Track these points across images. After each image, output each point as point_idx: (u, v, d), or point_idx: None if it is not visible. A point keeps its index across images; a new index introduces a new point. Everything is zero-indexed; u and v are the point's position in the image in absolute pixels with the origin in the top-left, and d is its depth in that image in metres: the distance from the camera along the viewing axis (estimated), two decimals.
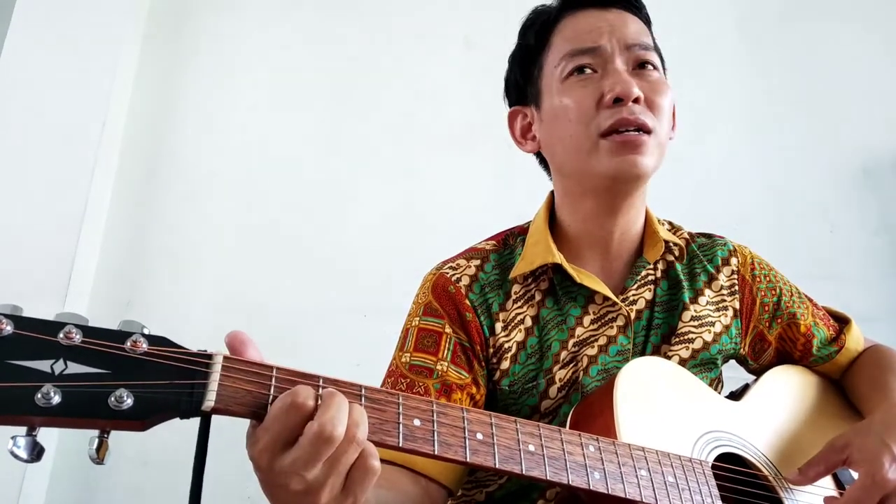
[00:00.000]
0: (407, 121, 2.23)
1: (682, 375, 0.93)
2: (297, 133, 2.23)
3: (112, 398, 0.51)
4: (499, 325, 0.97)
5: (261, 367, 0.58)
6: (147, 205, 2.15)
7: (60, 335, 0.51)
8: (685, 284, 1.02)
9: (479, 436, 0.66)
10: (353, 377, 0.62)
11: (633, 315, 0.98)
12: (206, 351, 0.57)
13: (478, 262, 1.01)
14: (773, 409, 0.98)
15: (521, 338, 0.97)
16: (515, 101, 1.09)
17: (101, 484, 1.84)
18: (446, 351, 0.94)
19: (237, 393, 0.56)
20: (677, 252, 1.04)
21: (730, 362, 1.07)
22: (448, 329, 0.95)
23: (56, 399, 0.49)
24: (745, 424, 0.93)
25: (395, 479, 0.83)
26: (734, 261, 1.06)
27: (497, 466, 0.65)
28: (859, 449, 0.86)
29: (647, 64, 0.96)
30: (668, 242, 1.03)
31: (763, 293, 1.06)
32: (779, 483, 0.88)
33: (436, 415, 0.64)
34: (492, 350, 0.96)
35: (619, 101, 0.91)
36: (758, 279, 1.07)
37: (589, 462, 0.71)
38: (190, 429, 0.55)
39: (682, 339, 0.99)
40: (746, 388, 1.03)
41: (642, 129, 0.91)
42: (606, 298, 0.98)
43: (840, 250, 2.07)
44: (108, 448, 0.53)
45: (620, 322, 0.98)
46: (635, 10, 1.00)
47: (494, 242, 1.06)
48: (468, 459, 0.64)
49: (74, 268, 1.92)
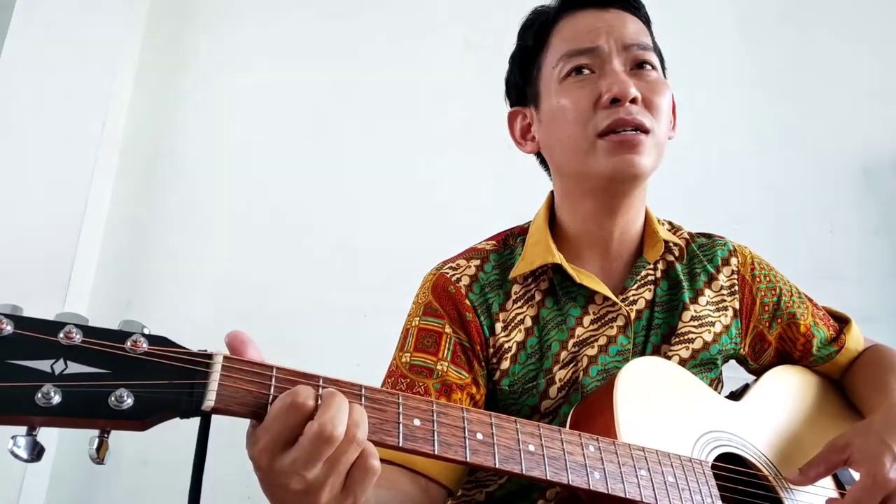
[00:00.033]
0: (407, 121, 2.23)
1: (682, 375, 0.93)
2: (296, 133, 2.23)
3: (112, 398, 0.51)
4: (499, 326, 0.97)
5: (261, 366, 0.58)
6: (147, 205, 2.15)
7: (60, 335, 0.51)
8: (685, 284, 1.02)
9: (479, 436, 0.66)
10: (353, 377, 0.62)
11: (632, 315, 0.98)
12: (206, 351, 0.57)
13: (478, 263, 1.01)
14: (773, 409, 0.98)
15: (521, 338, 0.97)
16: (515, 101, 1.09)
17: (101, 484, 1.85)
18: (446, 351, 0.94)
19: (237, 393, 0.56)
20: (677, 252, 1.04)
21: (730, 362, 1.07)
22: (448, 329, 0.95)
23: (56, 399, 0.49)
24: (745, 424, 0.92)
25: (395, 479, 0.83)
26: (734, 261, 1.06)
27: (497, 466, 0.65)
28: (860, 449, 0.85)
29: (646, 64, 0.96)
30: (667, 242, 1.03)
31: (763, 293, 1.06)
32: (779, 483, 0.88)
33: (436, 415, 0.64)
34: (492, 350, 0.96)
35: (617, 101, 0.91)
36: (758, 279, 1.07)
37: (589, 462, 0.71)
38: (190, 429, 0.55)
39: (682, 339, 0.99)
40: (746, 388, 1.02)
41: (640, 129, 0.91)
42: (606, 298, 0.98)
43: (840, 250, 2.07)
44: (109, 448, 0.53)
45: (620, 322, 0.98)
46: (634, 10, 1.00)
47: (494, 242, 1.06)
48: (468, 459, 0.64)
49: (74, 268, 1.93)
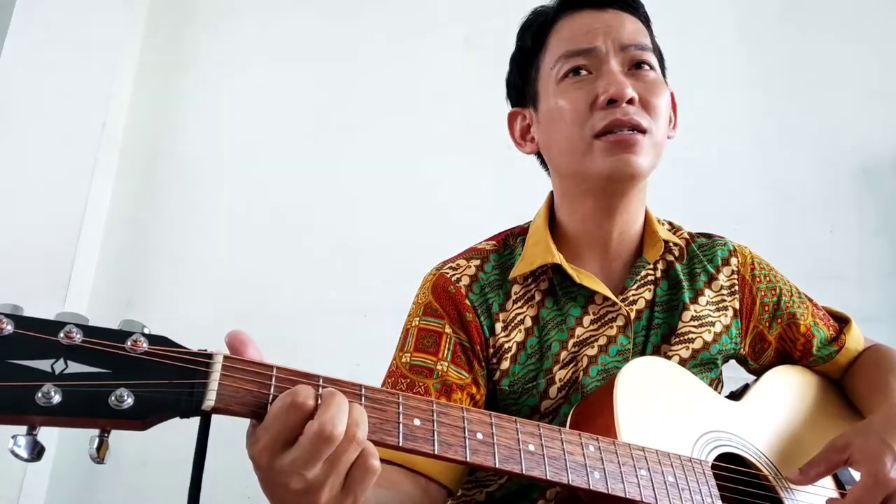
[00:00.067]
0: (407, 121, 2.23)
1: (683, 375, 0.93)
2: (296, 133, 2.23)
3: (112, 397, 0.51)
4: (499, 326, 0.97)
5: (261, 366, 0.58)
6: (147, 205, 2.15)
7: (61, 335, 0.51)
8: (685, 284, 1.02)
9: (479, 435, 0.66)
10: (353, 377, 0.62)
11: (632, 315, 0.98)
12: (206, 350, 0.57)
13: (478, 263, 1.01)
14: (774, 409, 0.98)
15: (521, 338, 0.97)
16: (515, 102, 1.09)
17: (101, 483, 1.85)
18: (446, 351, 0.94)
19: (237, 392, 0.56)
20: (677, 252, 1.04)
21: (730, 362, 1.07)
22: (448, 329, 0.95)
23: (56, 398, 0.49)
24: (745, 424, 0.92)
25: (395, 479, 0.83)
26: (734, 261, 1.06)
27: (497, 466, 0.65)
28: (860, 449, 0.85)
29: (643, 64, 0.96)
30: (667, 242, 1.03)
31: (763, 293, 1.06)
32: (779, 483, 0.88)
33: (436, 414, 0.64)
34: (492, 350, 0.96)
35: (613, 102, 0.91)
36: (758, 279, 1.07)
37: (589, 462, 0.71)
38: (190, 428, 0.55)
39: (682, 339, 0.99)
40: (746, 388, 1.02)
41: (637, 129, 0.91)
42: (606, 298, 0.98)
43: (840, 250, 2.07)
44: (109, 447, 0.53)
45: (620, 322, 0.97)
46: (632, 10, 0.99)
47: (494, 242, 1.06)
48: (468, 459, 0.64)
49: (74, 268, 1.93)
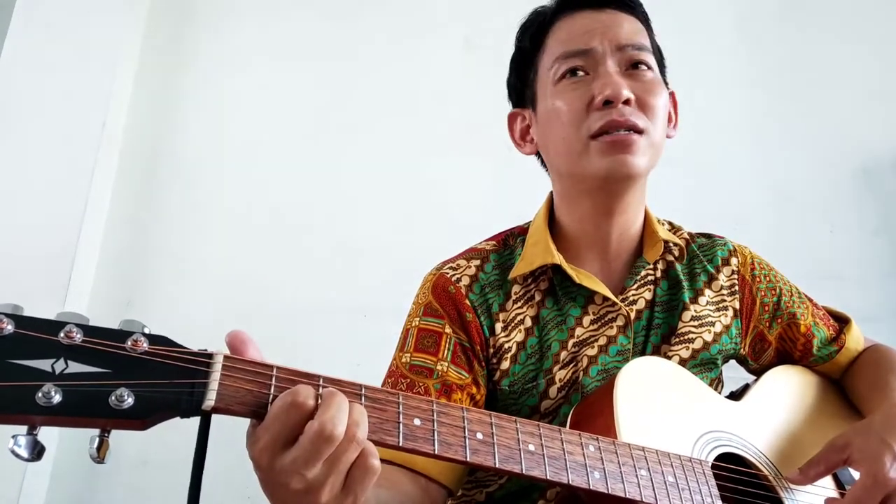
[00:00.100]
0: (407, 121, 2.23)
1: (683, 375, 0.93)
2: (296, 133, 2.23)
3: (113, 397, 0.51)
4: (499, 326, 0.97)
5: (261, 366, 0.58)
6: (147, 205, 2.15)
7: (61, 334, 0.51)
8: (685, 284, 1.02)
9: (479, 435, 0.66)
10: (353, 377, 0.62)
11: (632, 315, 0.98)
12: (206, 350, 0.57)
13: (478, 263, 1.01)
14: (774, 409, 0.98)
15: (521, 338, 0.97)
16: (515, 103, 1.09)
17: (102, 483, 1.85)
18: (446, 351, 0.94)
19: (238, 392, 0.56)
20: (677, 252, 1.04)
21: (730, 362, 1.07)
22: (448, 329, 0.95)
23: (57, 398, 0.49)
24: (746, 424, 0.92)
25: (395, 479, 0.83)
26: (734, 261, 1.06)
27: (497, 466, 0.65)
28: (860, 448, 0.85)
29: (640, 64, 0.95)
30: (667, 242, 1.03)
31: (763, 293, 1.06)
32: (779, 483, 0.88)
33: (436, 414, 0.64)
34: (492, 350, 0.96)
35: (609, 103, 0.91)
36: (758, 279, 1.07)
37: (589, 462, 0.71)
38: (190, 428, 0.55)
39: (682, 339, 0.99)
40: (746, 388, 1.02)
41: (633, 130, 0.91)
42: (606, 299, 0.98)
43: (840, 250, 2.07)
44: (109, 447, 0.53)
45: (620, 322, 0.98)
46: (630, 10, 0.99)
47: (494, 243, 1.06)
48: (468, 459, 0.64)
49: (74, 268, 1.93)
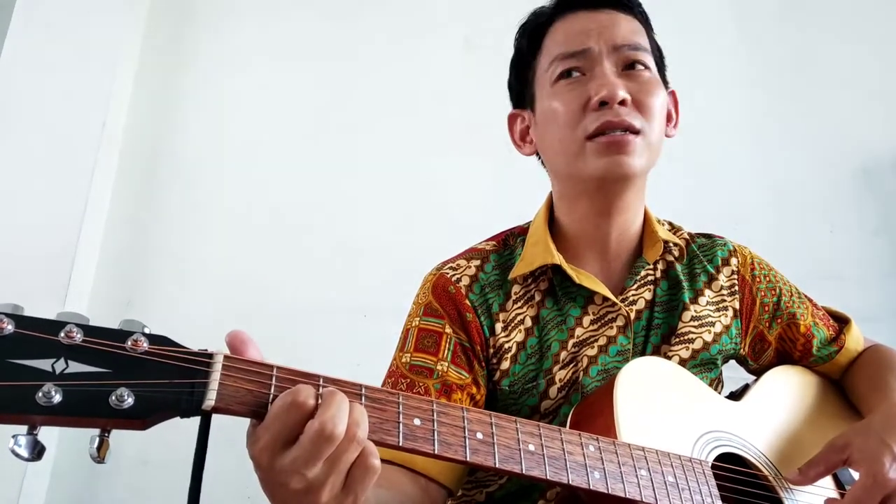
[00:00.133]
0: (407, 121, 2.23)
1: (682, 375, 0.93)
2: (296, 133, 2.23)
3: (113, 397, 0.51)
4: (499, 326, 0.97)
5: (261, 366, 0.58)
6: (147, 205, 2.15)
7: (61, 334, 0.51)
8: (685, 284, 1.02)
9: (479, 435, 0.66)
10: (353, 377, 0.62)
11: (632, 315, 0.98)
12: (206, 350, 0.57)
13: (478, 263, 1.01)
14: (773, 410, 0.98)
15: (521, 338, 0.97)
16: (515, 104, 1.09)
17: (102, 483, 1.85)
18: (446, 351, 0.94)
19: (238, 392, 0.56)
20: (677, 252, 1.04)
21: (730, 362, 1.07)
22: (448, 329, 0.95)
23: (57, 398, 0.49)
24: (745, 424, 0.93)
25: (395, 479, 0.83)
26: (734, 261, 1.06)
27: (497, 466, 0.65)
28: (860, 449, 0.85)
29: (637, 64, 0.95)
30: (667, 242, 1.03)
31: (763, 293, 1.06)
32: (779, 483, 0.88)
33: (436, 414, 0.64)
34: (492, 350, 0.96)
35: (605, 103, 0.91)
36: (758, 279, 1.07)
37: (589, 462, 0.71)
38: (190, 428, 0.55)
39: (682, 339, 0.99)
40: (746, 388, 1.03)
41: (629, 131, 0.91)
42: (606, 299, 0.98)
43: (840, 250, 2.07)
44: (109, 447, 0.53)
45: (620, 322, 0.98)
46: (628, 10, 0.99)
47: (494, 243, 1.06)
48: (468, 459, 0.64)
49: (74, 268, 1.92)
